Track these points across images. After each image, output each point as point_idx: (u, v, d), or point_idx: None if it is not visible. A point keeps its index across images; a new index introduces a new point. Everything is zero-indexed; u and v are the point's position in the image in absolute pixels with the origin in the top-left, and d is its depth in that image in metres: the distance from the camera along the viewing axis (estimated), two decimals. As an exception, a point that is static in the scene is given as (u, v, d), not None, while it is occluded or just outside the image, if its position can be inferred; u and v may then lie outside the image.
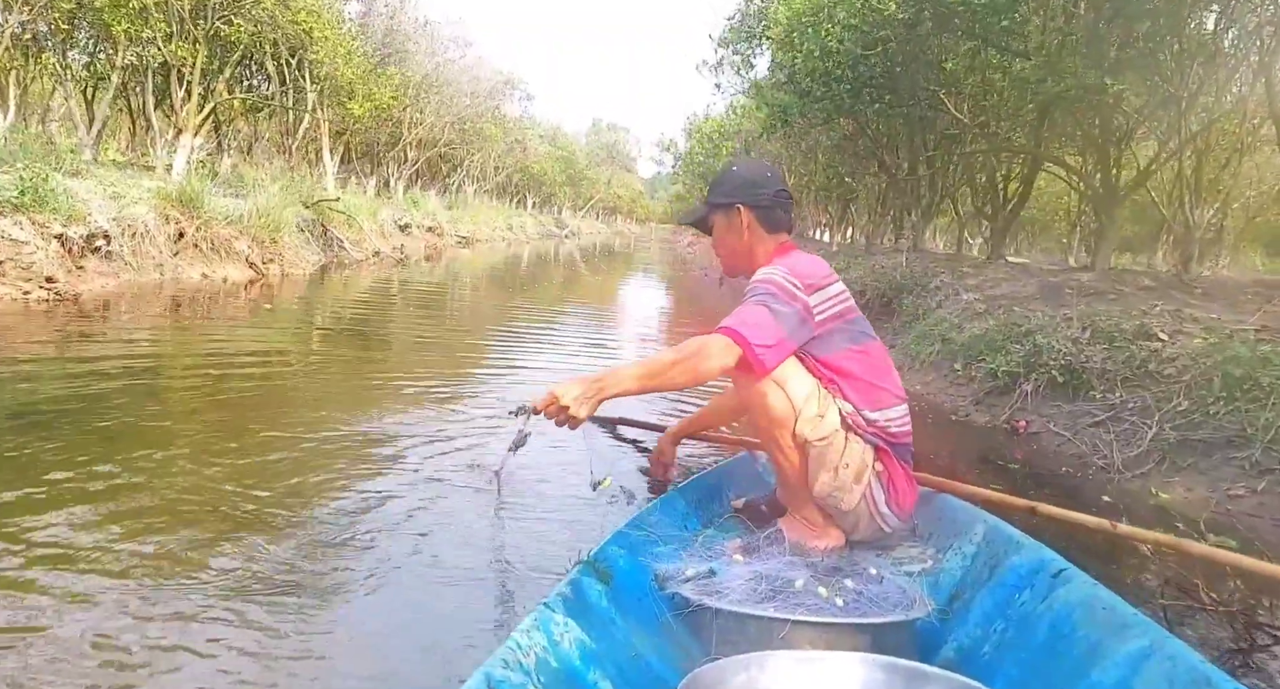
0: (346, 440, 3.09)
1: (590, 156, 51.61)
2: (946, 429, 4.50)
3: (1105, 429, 3.95)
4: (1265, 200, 15.87)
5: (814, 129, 9.02)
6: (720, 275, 13.24)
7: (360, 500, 2.47)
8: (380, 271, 10.83)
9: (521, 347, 6.00)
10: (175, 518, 2.22)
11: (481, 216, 24.86)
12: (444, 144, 22.03)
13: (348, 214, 11.85)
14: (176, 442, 2.87)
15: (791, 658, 1.38)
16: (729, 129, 22.78)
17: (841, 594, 1.68)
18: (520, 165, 32.83)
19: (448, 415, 3.61)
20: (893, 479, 2.03)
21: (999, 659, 1.54)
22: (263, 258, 7.92)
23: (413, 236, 16.67)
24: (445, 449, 3.08)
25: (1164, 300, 5.47)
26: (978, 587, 1.78)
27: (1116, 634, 1.37)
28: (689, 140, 31.49)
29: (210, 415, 3.33)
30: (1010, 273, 7.61)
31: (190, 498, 2.37)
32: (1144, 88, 6.29)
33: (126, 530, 2.12)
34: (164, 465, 2.61)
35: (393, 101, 14.58)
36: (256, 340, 5.11)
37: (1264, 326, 4.43)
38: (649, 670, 1.53)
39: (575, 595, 1.53)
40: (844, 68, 7.31)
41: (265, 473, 2.63)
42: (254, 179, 9.04)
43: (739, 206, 2.14)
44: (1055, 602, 1.53)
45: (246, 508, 2.33)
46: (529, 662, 1.27)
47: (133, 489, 2.40)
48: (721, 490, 2.46)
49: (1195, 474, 3.40)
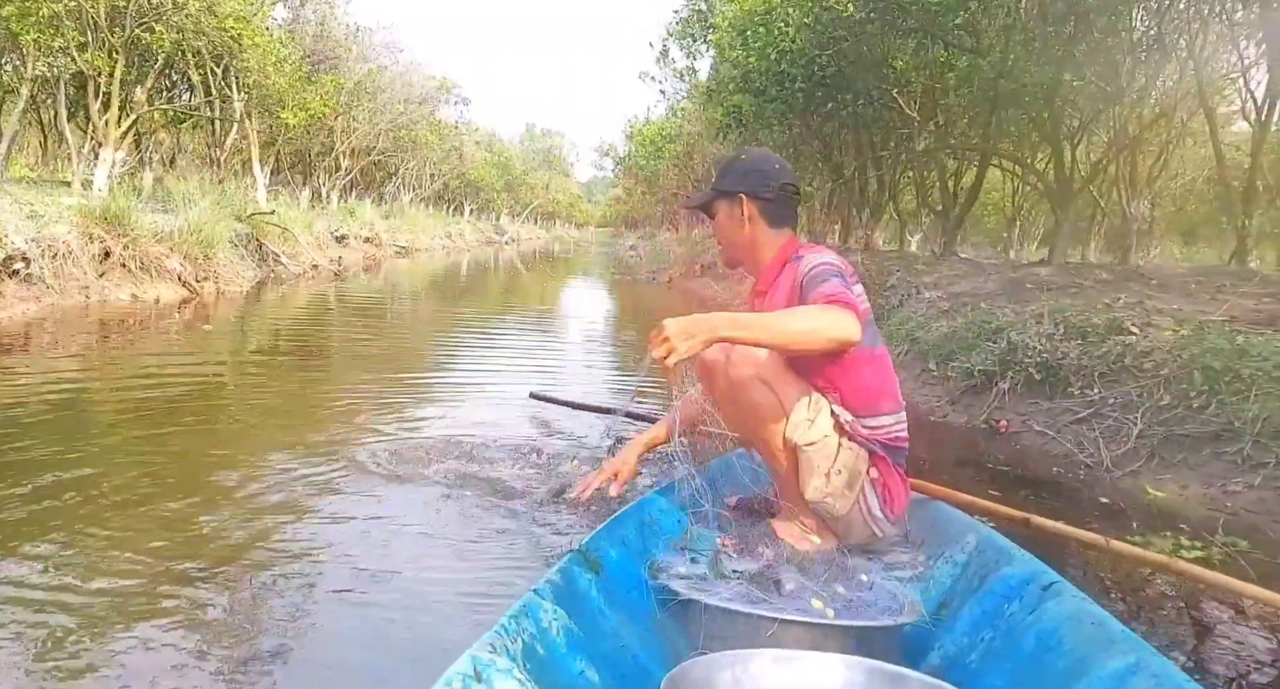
0: (292, 470, 2.87)
1: (527, 162, 51.11)
2: (926, 431, 4.42)
3: (1089, 426, 3.90)
4: (1186, 192, 16.41)
5: (767, 130, 8.94)
6: (669, 276, 13.17)
7: (309, 535, 2.32)
8: (319, 286, 10.44)
9: (470, 358, 5.81)
10: (101, 568, 2.01)
11: (420, 225, 24.35)
12: (378, 152, 21.50)
13: (283, 227, 11.40)
14: (103, 485, 2.59)
15: (776, 656, 1.39)
16: (670, 132, 22.72)
17: (830, 596, 1.67)
18: (457, 172, 32.31)
19: (398, 435, 3.44)
20: (887, 486, 1.97)
21: (985, 668, 1.53)
22: (196, 276, 7.52)
23: (350, 248, 16.20)
24: (402, 472, 2.91)
25: (1124, 293, 5.48)
26: (967, 595, 1.76)
27: (1103, 649, 1.36)
28: (629, 144, 31.38)
29: (143, 450, 3.04)
30: (966, 269, 7.63)
31: (119, 550, 2.12)
32: (1097, 83, 6.35)
33: (49, 580, 1.91)
34: (89, 514, 2.35)
35: (326, 110, 14.09)
36: (193, 365, 4.79)
37: (1233, 317, 4.45)
38: (635, 662, 1.54)
39: (565, 584, 1.53)
40: (798, 67, 7.25)
41: (202, 524, 2.36)
42: (183, 193, 8.59)
43: (742, 196, 2.06)
44: (1044, 614, 1.52)
45: (182, 555, 2.12)
46: (515, 647, 1.27)
47: (56, 535, 2.16)
48: (716, 487, 2.40)
49: (1186, 470, 3.35)
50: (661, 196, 26.67)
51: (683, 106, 20.85)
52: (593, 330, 8.56)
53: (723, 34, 8.69)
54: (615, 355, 6.72)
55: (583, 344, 7.34)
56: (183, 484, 2.68)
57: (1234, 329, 4.01)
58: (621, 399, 4.34)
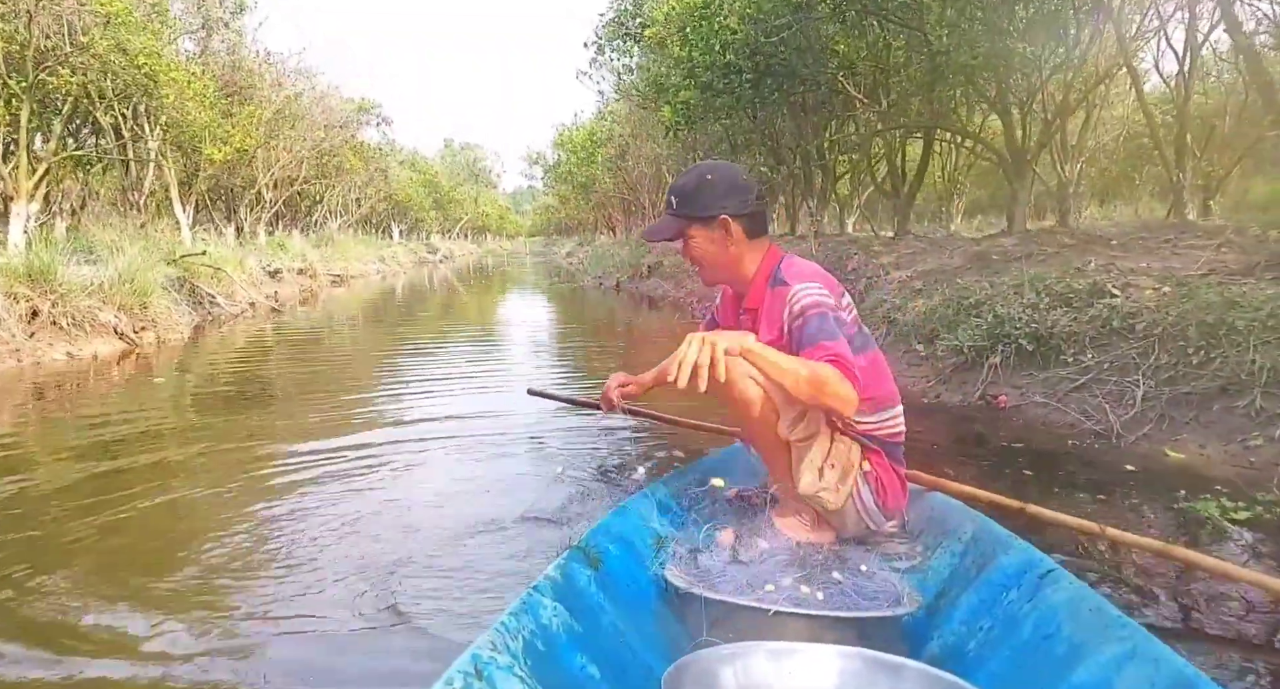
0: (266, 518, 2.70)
1: (453, 177, 50.42)
2: (923, 415, 4.34)
3: (1090, 392, 3.87)
4: (1104, 153, 16.87)
5: (716, 124, 8.84)
6: (615, 281, 13.02)
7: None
8: (259, 324, 10.04)
9: (433, 380, 5.60)
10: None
11: (352, 252, 23.77)
12: (301, 180, 20.90)
13: (215, 267, 10.95)
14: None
15: (776, 648, 1.40)
16: (600, 136, 22.55)
17: (829, 587, 1.68)
18: (383, 194, 31.67)
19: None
20: (881, 479, 1.98)
21: (984, 656, 1.54)
22: (133, 327, 7.11)
23: (284, 281, 15.69)
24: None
25: (1090, 256, 5.52)
26: (965, 584, 1.77)
27: (1101, 635, 1.37)
28: (557, 151, 31.11)
29: (95, 535, 2.75)
30: (923, 247, 7.65)
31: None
32: (1044, 49, 6.40)
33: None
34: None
35: (250, 142, 13.59)
36: (148, 421, 4.47)
37: (1211, 271, 4.49)
38: (635, 656, 1.54)
39: (564, 580, 1.55)
40: (744, 58, 7.15)
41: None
42: (109, 242, 8.14)
43: (725, 218, 2.03)
44: (1041, 601, 1.54)
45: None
46: (516, 645, 1.28)
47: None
48: (714, 480, 2.40)
49: (1200, 429, 3.33)
50: (597, 201, 26.52)
51: (612, 109, 20.73)
52: (558, 342, 8.37)
53: (659, 29, 8.58)
54: (582, 363, 6.55)
55: (552, 355, 7.17)
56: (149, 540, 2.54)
57: (1220, 282, 4.03)
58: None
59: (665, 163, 17.49)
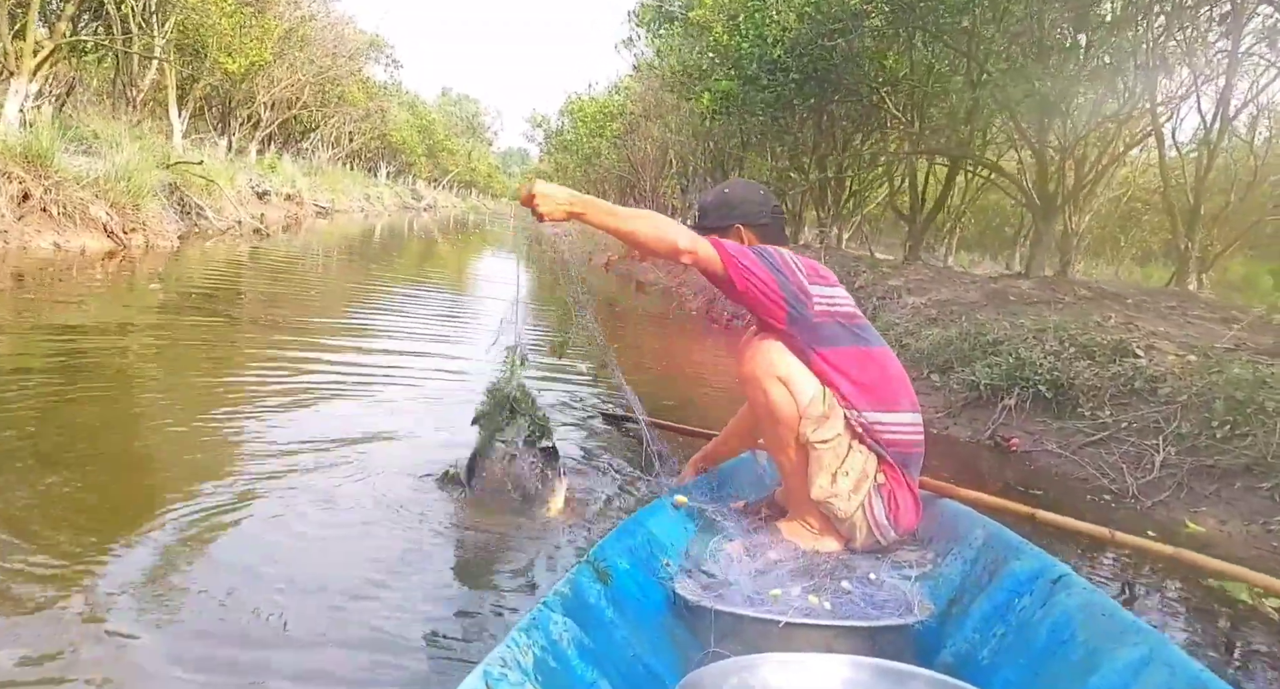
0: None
1: (449, 127, 49.61)
2: (929, 442, 4.28)
3: (1107, 450, 3.86)
4: (1103, 212, 17.06)
5: (753, 118, 8.73)
6: (607, 259, 12.79)
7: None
8: (245, 244, 9.77)
9: (427, 340, 5.43)
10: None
11: (340, 185, 23.31)
12: (301, 105, 20.37)
13: (208, 179, 10.62)
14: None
15: (787, 660, 1.40)
16: (612, 110, 22.28)
17: (839, 597, 1.68)
18: (378, 133, 31.03)
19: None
20: (894, 493, 2.00)
21: (997, 664, 1.54)
22: (124, 226, 6.84)
23: (271, 205, 15.34)
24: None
25: (1106, 311, 5.53)
26: (977, 591, 1.76)
27: (1116, 641, 1.36)
28: (562, 118, 30.68)
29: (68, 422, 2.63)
30: (932, 275, 7.63)
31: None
32: (1108, 97, 6.39)
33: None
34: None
35: (267, 57, 13.16)
36: (125, 333, 4.26)
37: (1237, 345, 4.50)
38: (647, 670, 1.54)
39: (574, 595, 1.53)
40: (794, 57, 7.04)
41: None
42: (110, 136, 7.80)
43: (739, 227, 2.18)
44: (1055, 607, 1.53)
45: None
46: (527, 661, 1.27)
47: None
48: (721, 492, 2.44)
49: (1221, 504, 3.33)
50: (598, 176, 26.25)
51: (627, 85, 20.47)
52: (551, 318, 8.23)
53: (705, 13, 8.41)
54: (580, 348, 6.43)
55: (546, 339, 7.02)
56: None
57: (1250, 359, 4.03)
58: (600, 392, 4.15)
59: (673, 147, 17.33)
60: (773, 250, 2.08)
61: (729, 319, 7.86)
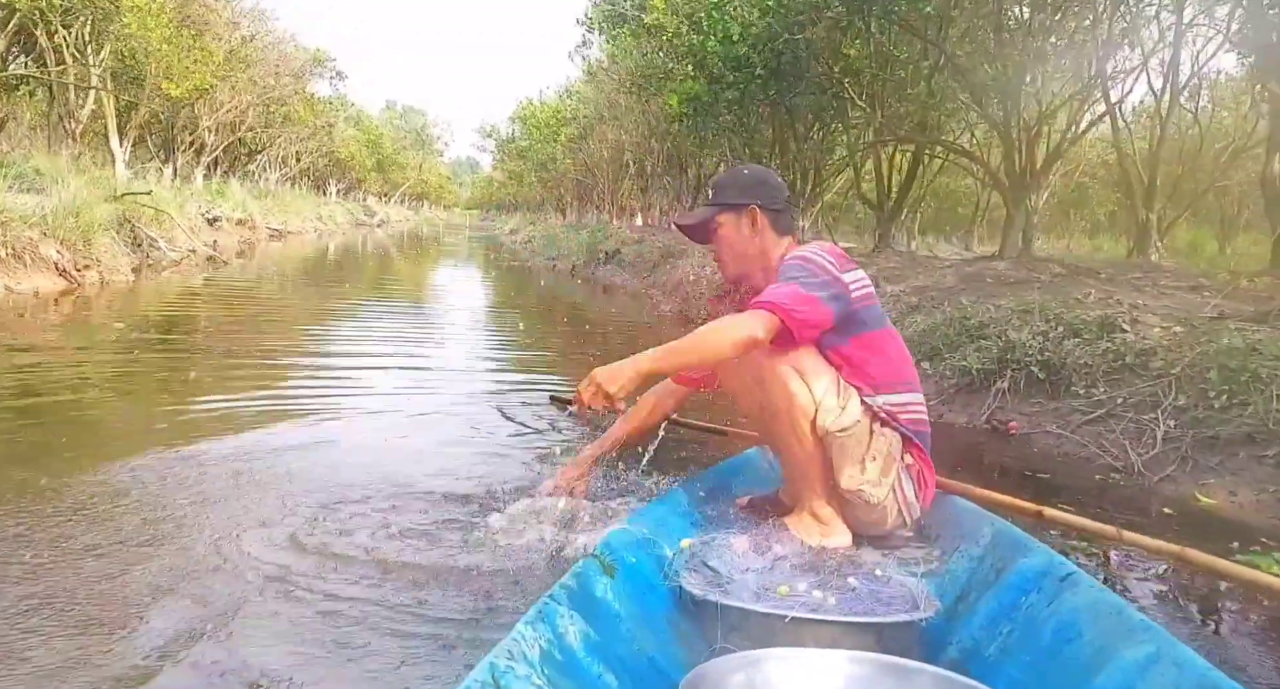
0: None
1: (398, 141, 49.02)
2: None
3: (1106, 427, 3.85)
4: (1055, 187, 17.37)
5: (715, 119, 8.68)
6: (571, 264, 12.78)
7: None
8: (200, 272, 9.54)
9: (403, 360, 5.32)
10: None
11: (292, 206, 22.90)
12: (246, 127, 19.96)
13: (157, 209, 10.32)
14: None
15: (792, 655, 1.40)
16: (565, 114, 22.13)
17: (845, 593, 1.68)
18: (325, 150, 30.56)
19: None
20: (923, 473, 2.02)
21: (1003, 661, 1.54)
22: (76, 264, 6.59)
23: (224, 231, 14.99)
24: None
25: (1084, 288, 5.56)
26: (984, 588, 1.76)
27: (1123, 639, 1.36)
28: (514, 125, 30.43)
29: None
30: (902, 262, 7.65)
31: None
32: (1065, 74, 6.43)
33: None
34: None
35: (213, 81, 12.82)
36: (88, 368, 4.10)
37: (1221, 314, 4.54)
38: (652, 665, 1.54)
39: (580, 588, 1.54)
40: (758, 53, 7.00)
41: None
42: (54, 171, 7.52)
43: (754, 207, 2.12)
44: (1062, 605, 1.53)
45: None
46: (534, 653, 1.27)
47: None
48: (728, 486, 2.44)
49: (1227, 475, 3.33)
50: (553, 181, 26.07)
51: (578, 89, 20.34)
52: (523, 329, 8.12)
53: (660, 15, 8.33)
54: (557, 353, 6.34)
55: (517, 346, 6.93)
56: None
57: (1237, 328, 4.06)
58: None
59: (629, 149, 17.25)
60: (815, 265, 1.96)
61: (707, 319, 7.80)
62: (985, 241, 17.43)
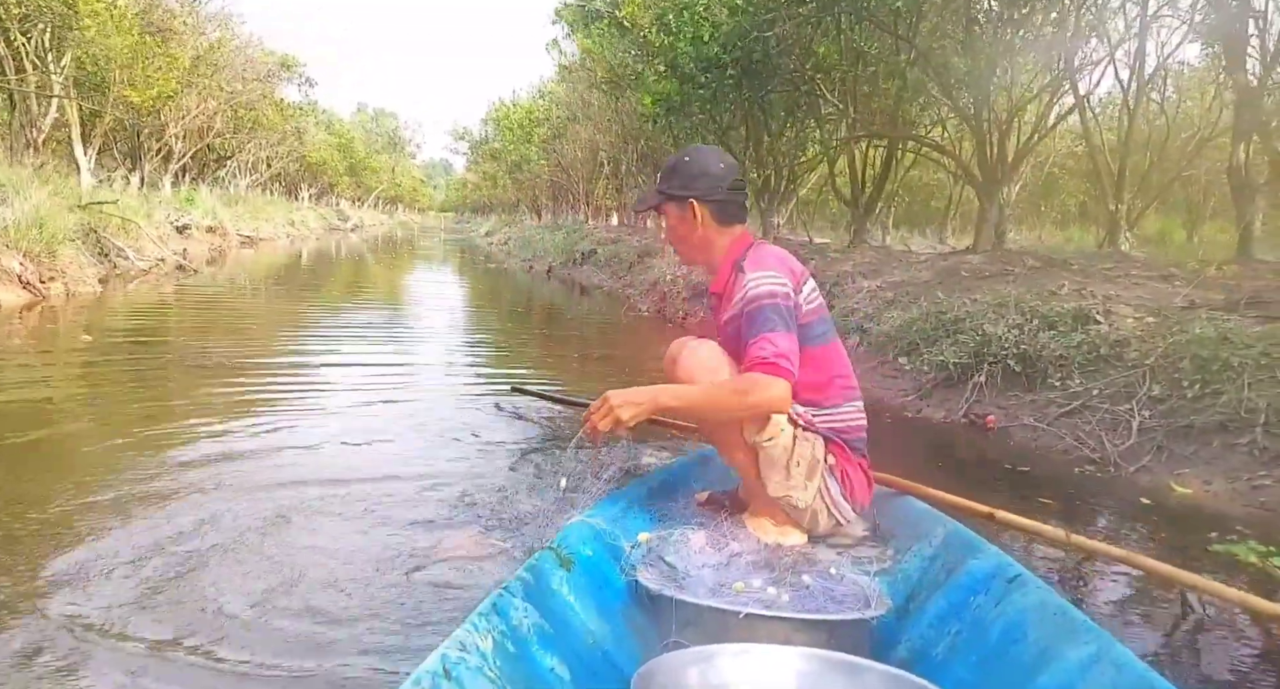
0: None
1: (370, 144, 48.60)
2: (905, 428, 4.31)
3: (1082, 419, 3.87)
4: (1026, 179, 17.48)
5: (689, 119, 8.66)
6: (548, 266, 12.78)
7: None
8: (169, 282, 9.38)
9: (382, 367, 5.27)
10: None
11: (263, 213, 22.64)
12: (214, 134, 19.69)
13: (124, 218, 10.15)
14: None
15: (743, 651, 1.41)
16: (538, 115, 22.01)
17: (799, 590, 1.70)
18: (296, 155, 30.24)
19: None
20: (846, 472, 2.02)
21: (951, 660, 1.56)
22: (40, 276, 6.47)
23: (193, 239, 14.80)
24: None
25: (1057, 280, 5.59)
26: (934, 588, 1.78)
27: (1066, 640, 1.39)
28: (486, 127, 30.24)
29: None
30: (877, 257, 7.67)
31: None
32: (1035, 66, 6.45)
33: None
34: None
35: (177, 88, 12.62)
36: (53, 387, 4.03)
37: (1192, 304, 4.57)
38: (606, 658, 1.55)
39: (535, 580, 1.53)
40: (729, 53, 6.98)
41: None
42: (15, 182, 7.36)
43: (692, 202, 2.08)
44: (1009, 606, 1.56)
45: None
46: (486, 645, 1.27)
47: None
48: (686, 483, 2.44)
49: (1202, 464, 3.35)
50: (528, 181, 25.93)
51: (551, 90, 20.24)
52: (506, 331, 8.07)
53: (634, 9, 8.30)
54: (539, 354, 6.30)
55: (503, 348, 6.88)
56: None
57: (1208, 318, 4.09)
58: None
59: (603, 148, 17.20)
60: (780, 296, 1.93)
61: (683, 318, 7.79)
62: (959, 234, 17.52)
